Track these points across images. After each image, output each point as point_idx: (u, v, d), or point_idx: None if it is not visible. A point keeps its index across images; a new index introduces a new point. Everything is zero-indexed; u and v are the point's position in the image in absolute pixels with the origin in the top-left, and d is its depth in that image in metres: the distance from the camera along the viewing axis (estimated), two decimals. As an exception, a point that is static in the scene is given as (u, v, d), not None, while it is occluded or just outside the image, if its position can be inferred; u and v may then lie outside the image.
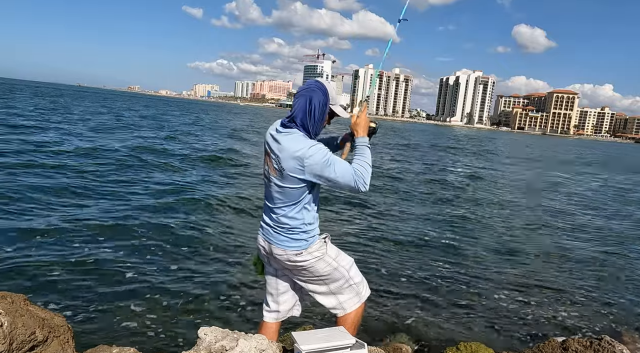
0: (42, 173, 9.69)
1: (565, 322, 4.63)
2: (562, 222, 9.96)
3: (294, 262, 2.27)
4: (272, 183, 2.20)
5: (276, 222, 2.26)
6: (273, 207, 2.26)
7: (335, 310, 2.43)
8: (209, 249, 5.85)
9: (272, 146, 2.17)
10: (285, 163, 2.10)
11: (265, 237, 2.32)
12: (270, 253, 2.32)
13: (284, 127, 2.17)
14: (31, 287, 4.23)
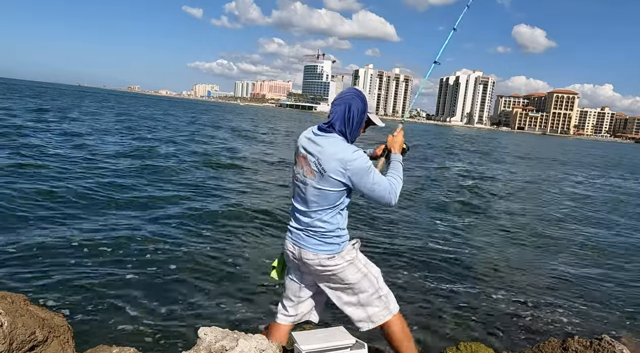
0: (45, 174, 9.68)
1: (565, 322, 4.63)
2: (563, 223, 9.96)
3: (325, 266, 2.25)
4: (308, 186, 2.19)
5: (309, 225, 2.24)
6: (307, 211, 2.24)
7: (362, 324, 2.38)
8: (209, 249, 5.85)
9: (309, 148, 2.19)
10: (326, 164, 2.12)
11: (296, 241, 2.29)
12: (300, 259, 2.28)
13: (321, 130, 2.20)
14: (31, 287, 4.23)
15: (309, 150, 2.19)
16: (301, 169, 2.22)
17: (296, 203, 2.30)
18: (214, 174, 12.06)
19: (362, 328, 2.39)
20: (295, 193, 2.29)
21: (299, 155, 2.25)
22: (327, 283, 2.34)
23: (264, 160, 16.24)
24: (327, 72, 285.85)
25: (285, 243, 2.36)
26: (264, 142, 24.50)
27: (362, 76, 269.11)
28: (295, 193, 2.29)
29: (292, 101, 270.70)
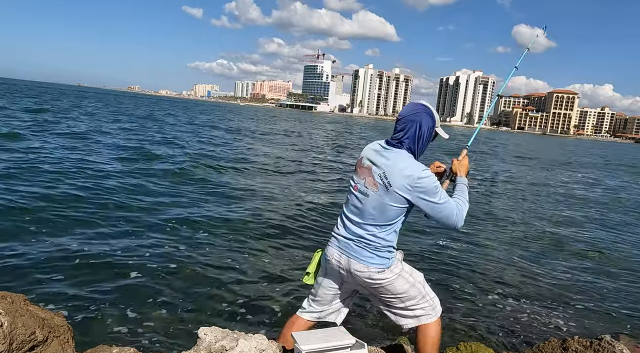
0: (44, 175, 9.68)
1: (565, 322, 4.63)
2: (563, 223, 9.96)
3: (374, 279, 2.24)
4: (368, 198, 2.17)
5: (362, 238, 2.22)
6: (361, 222, 2.21)
7: (407, 320, 2.40)
8: (209, 250, 5.85)
9: (376, 160, 2.18)
10: (393, 179, 2.11)
11: (344, 251, 2.26)
12: (347, 269, 2.26)
13: (390, 145, 2.20)
14: (31, 287, 4.23)
15: (375, 162, 2.18)
16: (362, 180, 2.21)
17: (349, 212, 2.27)
18: (215, 176, 12.06)
19: (407, 326, 2.39)
20: (351, 202, 2.27)
21: (361, 166, 2.25)
22: (374, 293, 2.35)
23: (266, 162, 16.24)
24: (327, 72, 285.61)
25: (329, 250, 2.33)
26: (265, 142, 24.50)
27: (362, 76, 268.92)
28: (350, 203, 2.27)
29: (292, 101, 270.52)
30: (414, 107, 2.25)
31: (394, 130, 2.23)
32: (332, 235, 2.35)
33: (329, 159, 18.92)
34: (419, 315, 2.38)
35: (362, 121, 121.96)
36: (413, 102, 2.29)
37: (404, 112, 2.24)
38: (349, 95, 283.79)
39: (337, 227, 2.34)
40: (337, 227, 2.34)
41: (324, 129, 47.99)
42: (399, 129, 2.21)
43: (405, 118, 2.20)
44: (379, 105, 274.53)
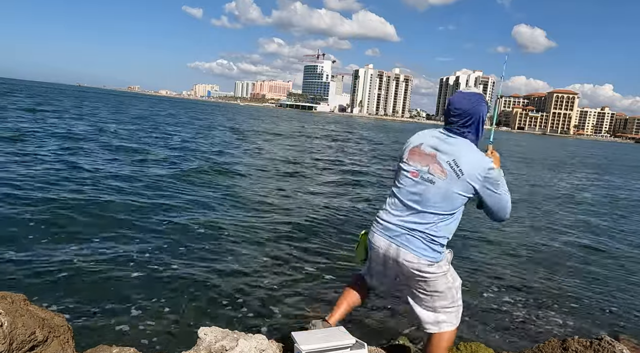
0: (44, 175, 9.69)
1: (564, 322, 4.63)
2: (564, 223, 9.96)
3: (422, 272, 2.18)
4: (433, 185, 2.13)
5: (419, 227, 2.15)
6: (422, 211, 2.15)
7: (428, 326, 2.34)
8: (209, 250, 5.85)
9: (440, 147, 2.17)
10: (465, 167, 2.09)
11: (394, 240, 2.21)
12: (395, 258, 2.20)
13: (452, 133, 2.20)
14: (31, 287, 4.22)
15: (439, 149, 2.16)
16: (425, 166, 2.17)
17: (405, 199, 2.21)
18: (218, 177, 12.06)
19: (426, 330, 2.36)
20: (407, 189, 2.21)
21: (421, 152, 2.21)
22: (411, 284, 2.30)
23: (268, 163, 16.23)
24: (327, 72, 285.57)
25: (376, 238, 2.28)
26: (274, 143, 24.51)
27: (362, 76, 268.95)
28: (406, 190, 2.21)
29: (292, 101, 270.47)
30: (473, 98, 2.21)
31: (452, 120, 2.20)
32: (378, 222, 2.29)
33: (338, 161, 18.92)
34: (441, 320, 2.32)
35: (362, 121, 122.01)
36: (469, 92, 2.23)
37: (462, 103, 2.19)
38: (349, 95, 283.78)
39: (385, 213, 2.28)
40: (385, 213, 2.28)
41: (327, 129, 47.99)
42: (459, 120, 2.18)
43: (466, 110, 2.18)
44: (379, 105, 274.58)
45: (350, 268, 5.56)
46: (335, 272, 5.42)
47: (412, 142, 2.32)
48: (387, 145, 32.30)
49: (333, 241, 6.76)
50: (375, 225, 2.32)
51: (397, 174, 2.34)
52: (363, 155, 22.32)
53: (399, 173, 2.32)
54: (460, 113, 2.18)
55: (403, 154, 2.33)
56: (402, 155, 2.34)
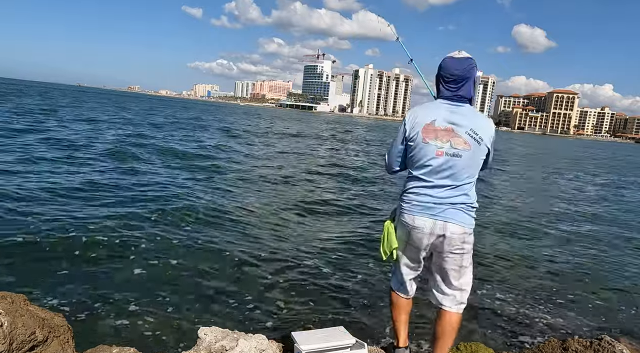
0: (44, 173, 9.69)
1: (565, 322, 4.63)
2: (566, 223, 9.96)
3: (464, 242, 2.29)
4: (460, 158, 2.20)
5: (459, 199, 2.24)
6: (457, 185, 2.23)
7: (451, 305, 2.41)
8: (209, 250, 5.85)
9: (455, 119, 2.22)
10: (482, 132, 2.20)
11: (439, 216, 2.24)
12: (441, 234, 2.25)
13: (456, 101, 2.26)
14: (31, 287, 4.23)
15: (454, 122, 2.21)
16: (446, 143, 2.20)
17: (436, 178, 2.23)
18: (217, 175, 12.06)
19: (453, 310, 2.41)
20: (435, 168, 2.23)
21: (436, 129, 2.22)
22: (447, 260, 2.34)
23: (269, 164, 16.23)
24: (327, 72, 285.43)
25: (417, 220, 2.27)
26: (279, 143, 24.51)
27: (362, 76, 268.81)
28: (435, 169, 2.23)
29: (292, 101, 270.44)
30: (466, 62, 2.27)
31: (449, 86, 2.26)
32: (414, 204, 2.29)
33: (337, 161, 18.92)
34: (460, 301, 2.41)
35: (362, 121, 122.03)
36: (461, 57, 2.28)
37: (457, 68, 2.25)
38: (349, 95, 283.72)
39: (418, 195, 2.28)
40: (418, 195, 2.28)
41: (332, 130, 47.98)
42: (458, 85, 2.25)
43: (461, 75, 2.24)
44: (379, 105, 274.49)
45: (350, 268, 5.56)
46: (336, 271, 5.42)
47: (419, 119, 2.27)
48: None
49: (333, 241, 6.76)
50: (411, 209, 2.30)
51: (413, 154, 2.29)
52: (362, 155, 22.33)
53: (416, 153, 2.27)
54: (455, 79, 2.25)
55: (413, 133, 2.27)
56: (411, 134, 2.28)
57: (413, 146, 2.28)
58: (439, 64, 2.33)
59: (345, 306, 4.49)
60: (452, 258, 2.32)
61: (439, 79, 2.32)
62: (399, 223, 2.39)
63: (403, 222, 2.34)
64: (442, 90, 2.30)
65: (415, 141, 2.27)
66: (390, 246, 2.42)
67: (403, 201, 2.35)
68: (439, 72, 2.31)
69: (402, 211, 2.35)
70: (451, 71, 2.25)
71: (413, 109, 2.38)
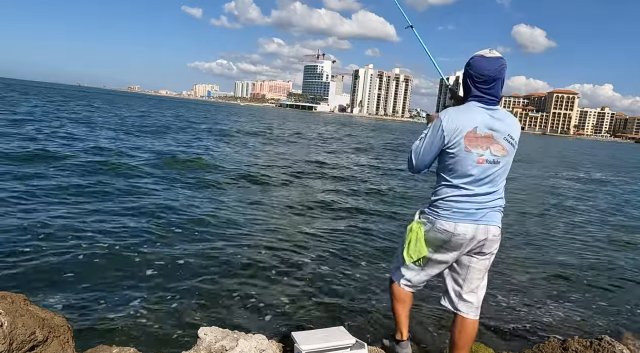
0: (46, 173, 9.68)
1: (565, 322, 4.62)
2: (565, 222, 9.96)
3: (498, 242, 2.38)
4: (499, 165, 2.23)
5: (498, 203, 2.31)
6: (496, 190, 2.29)
7: (474, 311, 2.43)
8: (209, 250, 5.85)
9: (494, 125, 2.21)
10: (516, 136, 2.26)
11: (481, 220, 2.26)
12: (483, 238, 2.29)
13: (491, 104, 2.25)
14: (31, 287, 4.22)
15: (494, 128, 2.20)
16: (486, 150, 2.18)
17: (476, 186, 2.23)
18: (219, 175, 12.05)
19: (470, 317, 2.44)
20: (476, 177, 2.21)
21: (478, 136, 2.18)
22: (477, 264, 2.37)
23: (269, 166, 16.22)
24: (327, 72, 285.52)
25: (460, 228, 2.25)
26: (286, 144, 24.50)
27: (362, 76, 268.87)
28: (475, 177, 2.21)
29: (292, 101, 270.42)
30: (498, 62, 2.20)
31: (479, 86, 2.22)
32: (456, 211, 2.25)
33: (336, 162, 18.92)
34: (477, 306, 2.44)
35: (362, 121, 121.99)
36: (492, 57, 2.21)
37: (489, 69, 2.19)
38: (349, 95, 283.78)
39: (459, 203, 2.25)
40: (459, 203, 2.25)
41: (334, 131, 47.95)
42: (491, 87, 2.22)
43: (494, 76, 2.20)
44: (379, 105, 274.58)
45: (350, 268, 5.56)
46: (335, 271, 5.42)
47: (461, 126, 2.19)
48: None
49: (333, 241, 6.76)
50: (451, 216, 2.26)
51: (453, 162, 2.23)
52: (363, 155, 22.33)
53: (457, 161, 2.21)
54: (486, 79, 2.20)
55: (454, 140, 2.20)
56: (451, 141, 2.20)
57: (454, 154, 2.21)
58: (468, 62, 2.25)
59: (345, 306, 4.48)
60: (485, 259, 2.36)
61: (468, 78, 2.25)
62: (432, 229, 2.32)
63: (440, 229, 2.29)
64: (472, 90, 2.24)
65: (457, 149, 2.20)
66: (419, 252, 2.36)
67: (439, 208, 2.29)
68: (468, 71, 2.24)
69: (438, 217, 2.29)
70: (482, 71, 2.19)
71: (448, 112, 2.25)
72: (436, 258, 2.40)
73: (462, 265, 2.39)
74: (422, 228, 2.35)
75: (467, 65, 2.25)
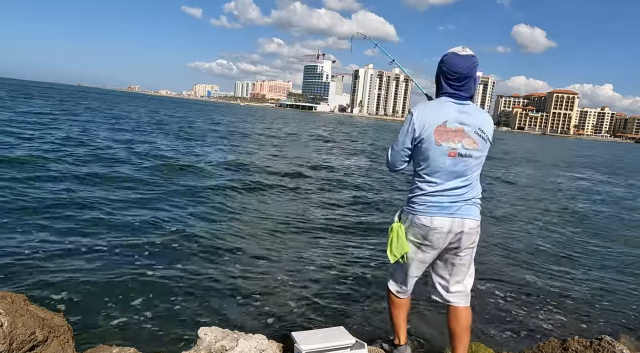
0: (47, 173, 9.68)
1: (565, 322, 4.62)
2: (564, 221, 9.95)
3: (477, 234, 2.38)
4: (471, 158, 2.25)
5: (472, 196, 2.31)
6: (469, 183, 2.29)
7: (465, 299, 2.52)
8: (209, 250, 5.85)
9: (464, 119, 2.23)
10: (488, 131, 2.27)
11: (456, 214, 2.27)
12: (459, 231, 2.30)
13: (461, 99, 2.26)
14: (31, 287, 4.22)
15: (464, 122, 2.22)
16: (458, 143, 2.20)
17: (450, 179, 2.24)
18: (219, 179, 12.05)
19: (461, 305, 2.54)
20: (448, 169, 2.23)
21: (448, 130, 2.20)
22: (460, 256, 2.40)
23: (269, 165, 16.22)
24: (327, 72, 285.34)
25: (437, 221, 2.26)
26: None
27: (362, 76, 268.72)
28: (447, 170, 2.23)
29: (292, 101, 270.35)
30: (470, 60, 2.23)
31: (451, 83, 2.24)
32: (431, 205, 2.27)
33: (336, 163, 18.91)
34: (467, 294, 2.51)
35: (363, 121, 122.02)
36: (465, 55, 2.23)
37: (461, 67, 2.21)
38: (349, 95, 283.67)
39: (434, 196, 2.27)
40: (434, 196, 2.27)
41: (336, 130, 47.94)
42: (462, 84, 2.24)
43: (466, 74, 2.22)
44: (379, 105, 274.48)
45: (350, 268, 5.56)
46: (335, 271, 5.42)
47: (430, 120, 2.22)
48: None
49: (333, 242, 6.76)
50: (426, 210, 2.28)
51: (424, 156, 2.25)
52: (362, 155, 22.33)
53: (429, 155, 2.23)
54: (458, 77, 2.22)
55: (423, 135, 2.22)
56: (421, 136, 2.23)
57: (424, 148, 2.24)
58: (441, 59, 2.27)
59: (345, 306, 4.48)
60: (466, 254, 2.38)
61: (440, 76, 2.28)
62: (411, 225, 2.34)
63: (418, 223, 2.30)
64: (444, 87, 2.27)
65: (427, 143, 2.22)
66: (402, 249, 2.38)
67: (415, 203, 2.32)
68: (442, 68, 2.26)
69: (415, 213, 2.31)
70: (454, 69, 2.21)
71: (418, 108, 2.29)
72: (418, 258, 2.42)
73: (445, 261, 2.44)
74: (402, 226, 2.39)
75: (440, 62, 2.27)
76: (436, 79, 2.33)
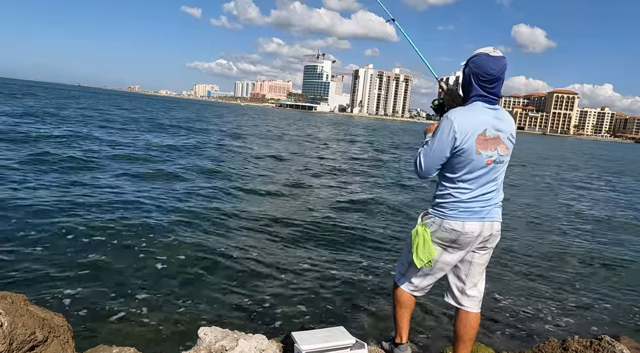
0: (48, 174, 9.68)
1: (565, 322, 4.62)
2: (565, 222, 9.95)
3: (499, 236, 2.40)
4: (503, 164, 2.26)
5: (497, 198, 2.34)
6: (499, 188, 2.33)
7: (477, 304, 2.46)
8: (209, 251, 5.85)
9: (499, 126, 2.22)
10: (515, 134, 2.30)
11: (486, 218, 2.30)
12: (488, 234, 2.33)
13: (491, 104, 2.24)
14: (31, 287, 4.23)
15: (500, 129, 2.21)
16: (494, 151, 2.19)
17: (483, 187, 2.25)
18: (220, 180, 12.05)
19: (474, 310, 2.47)
20: (483, 178, 2.22)
21: (487, 138, 2.17)
22: (479, 260, 2.41)
23: (275, 166, 16.21)
24: (327, 72, 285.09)
25: (468, 226, 2.25)
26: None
27: (362, 76, 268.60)
28: (482, 179, 2.22)
29: (292, 101, 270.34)
30: (501, 62, 2.17)
31: (483, 85, 2.18)
32: (463, 210, 2.25)
33: (336, 163, 18.91)
34: (479, 299, 2.46)
35: (362, 121, 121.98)
36: (497, 56, 2.17)
37: (494, 68, 2.15)
38: (349, 95, 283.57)
39: (466, 202, 2.25)
40: (466, 202, 2.25)
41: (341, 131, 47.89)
42: (494, 86, 2.21)
43: (498, 76, 2.18)
44: (379, 105, 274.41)
45: (349, 268, 5.56)
46: (335, 271, 5.42)
47: (471, 129, 2.15)
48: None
49: (333, 242, 6.76)
50: (458, 215, 2.25)
51: (461, 164, 2.20)
52: (362, 156, 22.32)
53: (467, 164, 2.19)
54: (490, 78, 2.17)
55: (465, 144, 2.15)
56: (462, 145, 2.15)
57: (464, 157, 2.17)
58: (472, 59, 2.19)
59: (345, 306, 4.48)
60: (486, 254, 2.41)
61: (472, 76, 2.19)
62: (439, 229, 2.30)
63: (448, 228, 2.27)
64: (475, 89, 2.19)
65: (467, 152, 2.16)
66: (429, 254, 2.33)
67: (445, 208, 2.28)
68: (472, 69, 2.18)
69: (445, 217, 2.27)
70: (487, 70, 2.14)
71: (456, 114, 2.18)
72: (443, 259, 2.38)
73: (464, 261, 2.41)
74: (427, 230, 2.33)
75: (471, 63, 2.19)
76: (466, 81, 2.25)
